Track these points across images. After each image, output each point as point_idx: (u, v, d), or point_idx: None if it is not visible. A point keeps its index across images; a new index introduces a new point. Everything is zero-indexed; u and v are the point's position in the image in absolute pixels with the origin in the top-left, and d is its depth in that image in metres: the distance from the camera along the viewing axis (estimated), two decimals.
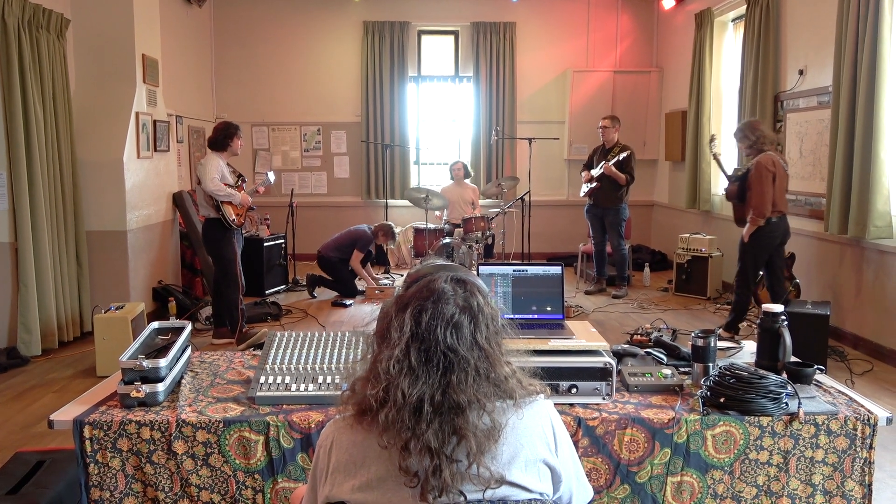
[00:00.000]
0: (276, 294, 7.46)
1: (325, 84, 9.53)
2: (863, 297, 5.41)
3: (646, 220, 9.82)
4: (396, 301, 1.38)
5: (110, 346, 4.67)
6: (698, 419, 2.15)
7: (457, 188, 8.35)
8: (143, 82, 6.28)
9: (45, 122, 5.40)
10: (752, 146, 5.30)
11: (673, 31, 9.16)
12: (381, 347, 1.36)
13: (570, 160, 9.52)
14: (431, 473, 1.25)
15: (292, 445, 2.14)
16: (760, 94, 6.60)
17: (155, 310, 6.36)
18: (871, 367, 5.02)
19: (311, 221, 9.22)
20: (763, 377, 2.17)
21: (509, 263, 2.77)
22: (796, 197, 6.20)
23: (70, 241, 5.71)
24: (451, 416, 1.27)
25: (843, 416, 2.15)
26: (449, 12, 9.42)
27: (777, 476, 2.16)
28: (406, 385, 1.28)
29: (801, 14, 6.23)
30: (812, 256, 6.04)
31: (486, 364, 1.33)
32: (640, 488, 2.18)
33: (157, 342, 2.49)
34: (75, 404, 2.24)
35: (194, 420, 2.12)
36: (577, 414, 2.17)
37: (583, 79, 9.35)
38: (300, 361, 2.42)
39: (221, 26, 9.36)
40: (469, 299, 1.35)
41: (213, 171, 5.28)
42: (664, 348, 2.67)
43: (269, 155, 9.56)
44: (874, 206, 4.98)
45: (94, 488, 2.13)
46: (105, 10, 6.04)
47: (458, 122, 9.84)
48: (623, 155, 7.11)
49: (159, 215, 6.65)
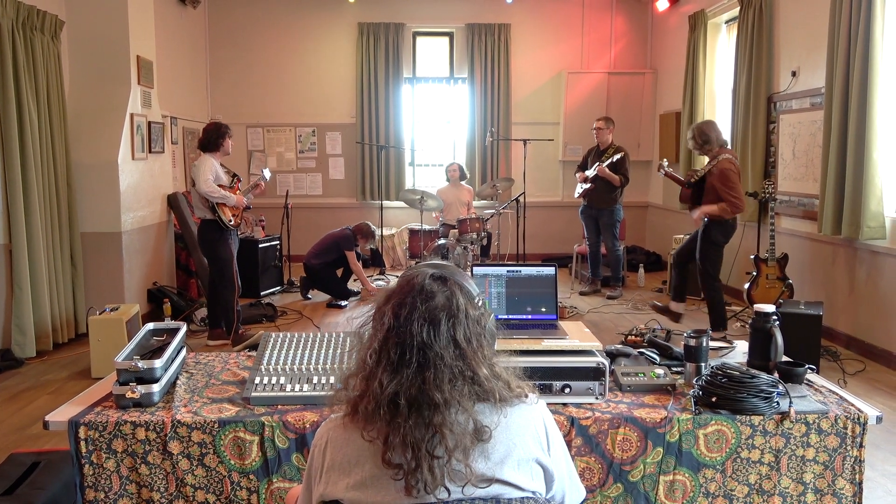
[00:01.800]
0: (271, 295, 7.47)
1: (320, 85, 9.54)
2: (855, 298, 5.44)
3: (640, 221, 9.84)
4: (383, 296, 1.40)
5: (105, 348, 4.67)
6: (690, 418, 2.16)
7: (453, 189, 8.36)
8: (137, 84, 6.27)
9: (40, 123, 5.39)
10: (702, 147, 5.45)
11: (667, 32, 9.19)
12: (367, 340, 1.38)
13: (564, 161, 9.55)
14: (413, 468, 1.26)
15: (287, 445, 2.14)
16: (754, 95, 6.63)
17: (150, 311, 6.35)
18: (864, 366, 5.05)
19: (306, 223, 9.23)
20: (754, 376, 2.18)
21: (503, 264, 2.79)
22: (789, 198, 6.23)
23: (65, 242, 5.70)
24: (428, 413, 1.28)
25: (834, 415, 2.17)
26: (444, 14, 9.44)
27: (768, 475, 2.18)
28: (384, 378, 1.30)
29: (793, 16, 6.27)
30: (805, 257, 6.07)
31: (462, 363, 1.33)
32: (633, 487, 2.19)
33: (152, 343, 2.49)
34: (70, 405, 2.24)
35: (189, 420, 2.13)
36: (571, 413, 2.18)
37: (577, 80, 9.38)
38: (295, 362, 2.43)
39: (216, 27, 9.36)
40: (450, 297, 1.36)
41: (207, 172, 5.28)
42: (657, 348, 2.69)
43: (263, 156, 9.56)
44: (867, 206, 5.01)
45: (89, 489, 2.13)
46: (99, 12, 6.03)
47: (453, 124, 9.85)
48: (617, 156, 7.13)
49: (154, 217, 6.64)
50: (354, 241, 7.26)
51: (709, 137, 5.42)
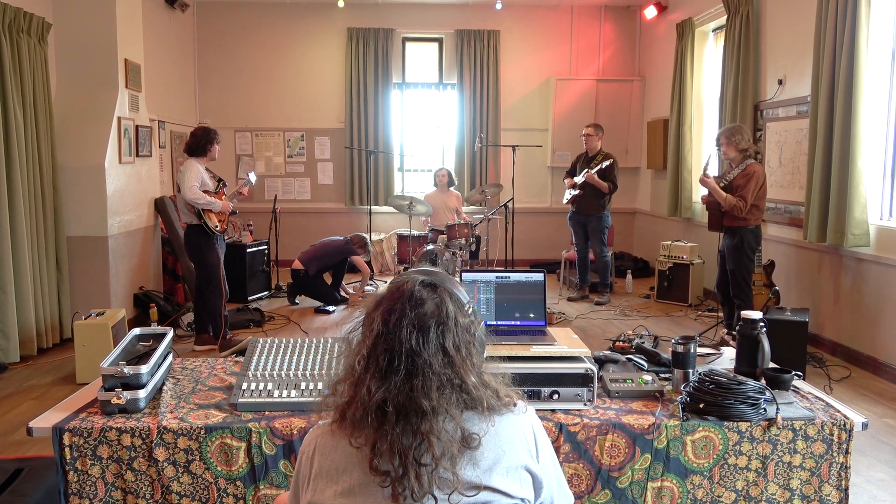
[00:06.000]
0: (258, 300, 7.43)
1: (309, 90, 9.52)
2: (841, 305, 5.49)
3: (628, 228, 9.89)
4: (372, 302, 1.40)
5: (90, 353, 4.63)
6: (678, 425, 2.17)
7: (440, 195, 8.36)
8: (125, 87, 6.24)
9: (26, 126, 5.35)
10: (744, 150, 5.38)
11: (655, 40, 9.25)
12: (355, 346, 1.38)
13: (553, 167, 9.58)
14: (400, 475, 1.26)
15: (274, 452, 2.13)
16: (741, 103, 6.68)
17: (136, 316, 6.31)
18: (849, 373, 5.09)
19: (294, 228, 9.20)
20: (742, 383, 2.19)
21: (492, 270, 2.79)
22: (776, 205, 6.28)
23: (50, 246, 5.65)
24: (415, 420, 1.28)
25: (820, 422, 2.18)
26: (433, 20, 9.45)
27: (756, 481, 2.19)
28: (373, 384, 1.30)
29: (780, 25, 6.32)
30: (791, 264, 6.11)
31: (451, 371, 1.32)
32: (621, 494, 2.19)
33: (138, 349, 2.47)
34: (55, 411, 2.22)
35: (176, 427, 2.11)
36: (559, 420, 2.18)
37: (566, 87, 9.42)
38: (283, 368, 2.41)
39: (205, 31, 9.33)
40: (439, 305, 1.35)
41: (193, 178, 5.24)
42: (645, 354, 2.69)
43: (252, 161, 9.52)
44: (852, 214, 5.05)
45: (73, 496, 2.11)
46: (87, 15, 6.00)
47: (442, 129, 9.86)
48: (606, 163, 7.16)
49: (141, 221, 6.60)
50: (352, 245, 7.33)
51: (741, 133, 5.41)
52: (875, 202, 5.20)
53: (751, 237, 5.39)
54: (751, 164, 5.36)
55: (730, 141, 5.40)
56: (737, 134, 5.39)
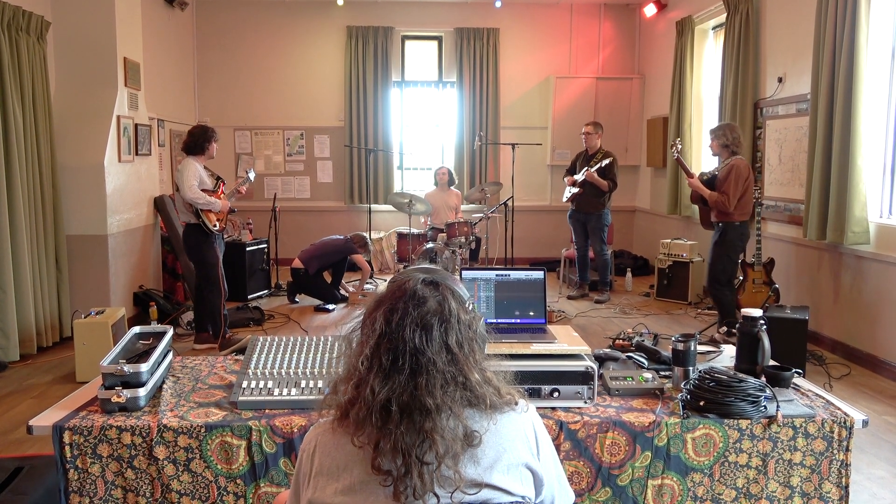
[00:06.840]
0: (258, 299, 7.43)
1: (309, 88, 9.51)
2: (840, 302, 5.49)
3: (628, 226, 9.88)
4: (373, 301, 1.39)
5: (90, 352, 4.62)
6: (678, 422, 2.17)
7: (440, 193, 8.36)
8: (124, 86, 6.23)
9: (25, 125, 5.34)
10: (727, 147, 5.51)
11: (654, 38, 9.24)
12: (357, 346, 1.37)
13: (552, 166, 9.57)
14: (403, 474, 1.26)
15: (275, 450, 2.13)
16: (740, 101, 6.68)
17: (136, 315, 6.31)
18: (849, 370, 5.09)
19: (294, 226, 9.20)
20: (742, 381, 2.19)
21: (492, 268, 2.79)
22: (775, 203, 6.28)
23: (49, 245, 5.65)
24: (419, 419, 1.28)
25: (821, 419, 2.18)
26: (433, 18, 9.44)
27: (756, 478, 2.19)
28: (376, 384, 1.29)
29: (780, 23, 6.32)
30: (791, 262, 6.11)
31: (454, 368, 1.32)
32: (621, 491, 2.19)
33: (138, 347, 2.47)
34: (55, 410, 2.22)
35: (176, 425, 2.11)
36: (559, 417, 2.18)
37: (565, 85, 9.41)
38: (283, 366, 2.41)
39: (204, 30, 9.32)
40: (442, 302, 1.35)
41: (192, 178, 5.23)
42: (645, 352, 2.69)
43: (251, 159, 9.52)
44: (851, 212, 5.06)
45: (73, 494, 2.11)
46: (86, 13, 5.99)
47: (442, 128, 9.86)
48: (605, 162, 7.16)
49: (140, 219, 6.60)
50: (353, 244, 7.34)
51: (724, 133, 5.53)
52: (875, 200, 5.20)
53: (734, 234, 5.47)
54: (734, 159, 5.46)
55: (714, 137, 5.61)
56: (719, 130, 5.58)
